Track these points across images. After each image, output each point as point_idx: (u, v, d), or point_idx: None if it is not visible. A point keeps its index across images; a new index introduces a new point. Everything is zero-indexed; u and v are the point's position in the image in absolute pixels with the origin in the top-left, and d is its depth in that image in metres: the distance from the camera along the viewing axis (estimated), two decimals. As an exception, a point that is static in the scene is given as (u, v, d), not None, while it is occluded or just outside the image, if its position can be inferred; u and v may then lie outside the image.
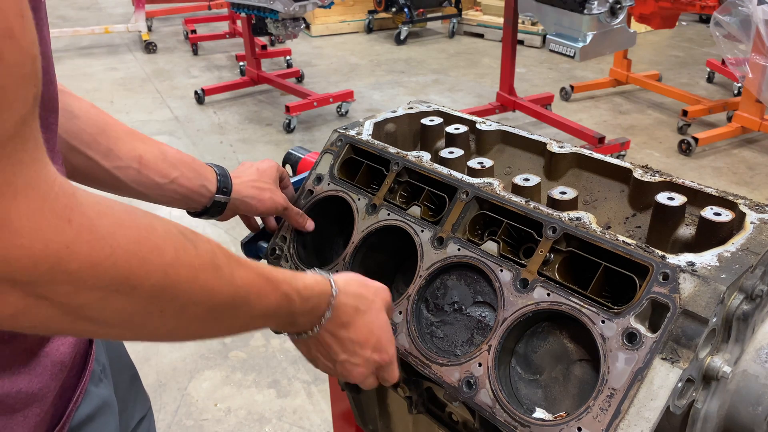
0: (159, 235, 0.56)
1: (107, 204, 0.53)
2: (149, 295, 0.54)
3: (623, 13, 3.66)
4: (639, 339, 0.77)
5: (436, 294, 1.01)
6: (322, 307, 0.78)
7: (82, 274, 0.49)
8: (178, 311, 0.58)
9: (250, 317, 0.68)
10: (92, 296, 0.51)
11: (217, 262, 0.61)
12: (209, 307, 0.61)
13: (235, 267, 0.64)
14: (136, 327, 0.58)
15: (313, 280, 0.77)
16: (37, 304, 0.49)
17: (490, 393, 0.85)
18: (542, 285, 0.88)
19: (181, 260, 0.57)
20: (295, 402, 2.47)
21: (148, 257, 0.54)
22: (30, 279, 0.47)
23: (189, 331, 0.64)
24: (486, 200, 1.01)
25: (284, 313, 0.73)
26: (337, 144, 1.24)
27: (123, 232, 0.52)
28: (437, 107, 1.38)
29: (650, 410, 0.74)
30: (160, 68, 6.56)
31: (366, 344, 0.83)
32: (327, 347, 0.82)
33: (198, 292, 0.59)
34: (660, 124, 5.03)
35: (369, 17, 7.90)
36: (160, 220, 0.58)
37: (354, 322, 0.81)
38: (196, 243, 0.60)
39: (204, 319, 0.62)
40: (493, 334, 0.88)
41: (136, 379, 1.01)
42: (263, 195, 1.12)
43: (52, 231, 0.47)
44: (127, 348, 1.01)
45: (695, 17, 7.91)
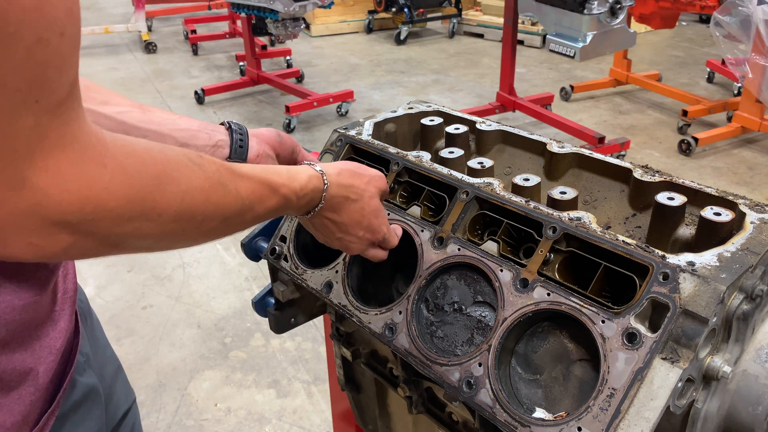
0: (174, 167, 0.64)
1: (131, 144, 0.60)
2: (172, 219, 0.63)
3: (623, 13, 3.66)
4: (639, 339, 0.77)
5: (436, 294, 1.01)
6: (316, 200, 0.88)
7: (119, 210, 0.57)
8: (197, 227, 0.68)
9: (254, 218, 0.78)
10: (128, 227, 0.59)
11: (223, 180, 0.70)
12: (221, 219, 0.71)
13: (239, 180, 0.73)
14: (162, 244, 0.67)
15: (307, 177, 0.85)
16: (83, 238, 0.57)
17: (490, 393, 0.85)
18: (542, 285, 0.88)
19: (194, 185, 0.65)
20: (295, 402, 2.47)
21: (167, 188, 0.62)
22: (78, 219, 0.55)
23: (206, 239, 0.73)
24: (486, 200, 1.01)
25: (283, 209, 0.83)
26: (337, 144, 1.24)
27: (146, 169, 0.60)
28: (437, 107, 1.38)
29: (650, 410, 0.74)
30: (160, 68, 6.56)
31: (357, 226, 0.94)
32: (324, 227, 0.94)
33: (211, 209, 0.68)
34: (660, 124, 5.03)
35: (369, 17, 7.90)
36: (173, 150, 0.66)
37: (344, 208, 0.92)
38: (204, 166, 0.68)
39: (217, 229, 0.72)
40: (493, 334, 0.89)
41: (120, 371, 1.03)
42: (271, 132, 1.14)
43: (93, 176, 0.55)
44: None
45: (695, 17, 7.91)
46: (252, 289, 3.14)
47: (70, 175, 0.53)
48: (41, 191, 0.52)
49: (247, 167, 0.76)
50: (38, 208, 0.52)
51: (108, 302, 3.04)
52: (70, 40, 0.52)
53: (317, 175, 0.87)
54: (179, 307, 3.03)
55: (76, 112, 0.54)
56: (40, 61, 0.50)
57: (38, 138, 0.51)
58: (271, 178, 0.79)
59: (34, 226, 0.53)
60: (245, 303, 3.02)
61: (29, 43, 0.48)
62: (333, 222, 0.93)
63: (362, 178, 0.94)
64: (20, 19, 0.47)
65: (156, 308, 3.01)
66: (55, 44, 0.50)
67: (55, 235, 0.55)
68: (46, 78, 0.51)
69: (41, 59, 0.50)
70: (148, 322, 2.91)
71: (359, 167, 0.96)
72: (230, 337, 2.82)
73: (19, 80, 0.49)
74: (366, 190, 0.94)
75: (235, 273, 3.26)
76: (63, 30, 0.51)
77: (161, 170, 0.62)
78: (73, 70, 0.54)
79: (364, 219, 0.94)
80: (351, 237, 0.95)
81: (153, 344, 2.76)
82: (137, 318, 2.94)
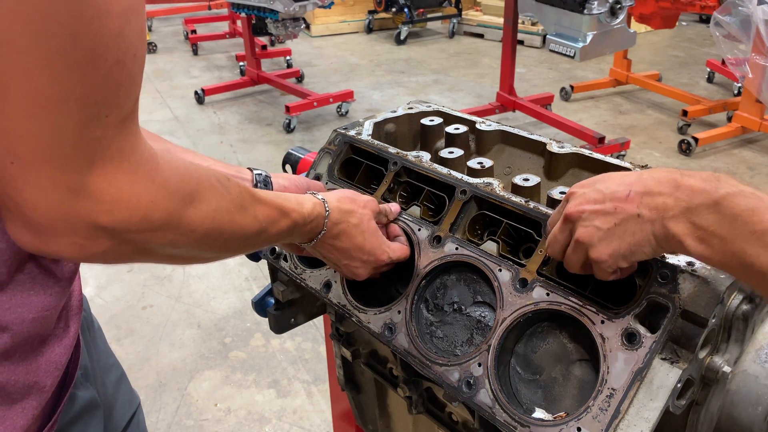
0: (206, 187, 0.68)
1: (175, 162, 0.65)
2: (202, 235, 0.68)
3: (623, 13, 3.66)
4: (638, 339, 0.77)
5: (435, 294, 1.01)
6: (319, 226, 0.92)
7: (160, 222, 0.61)
8: (222, 245, 0.73)
9: (267, 239, 0.83)
10: (164, 238, 0.63)
11: (244, 204, 0.75)
12: (242, 239, 0.77)
13: (257, 205, 0.78)
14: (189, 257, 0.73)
15: (312, 204, 0.90)
16: (122, 244, 0.60)
17: (490, 393, 0.85)
18: (541, 285, 0.88)
19: (222, 206, 0.70)
20: (295, 402, 2.47)
21: (200, 206, 0.67)
22: (124, 227, 0.59)
23: (226, 255, 0.79)
24: (485, 200, 1.01)
25: (291, 232, 0.87)
26: (335, 143, 1.24)
27: (185, 186, 0.65)
28: (437, 107, 1.38)
29: (650, 410, 0.74)
30: (160, 68, 6.55)
31: (360, 251, 0.98)
32: (329, 254, 0.98)
33: (235, 229, 0.73)
34: (660, 124, 5.03)
35: (369, 17, 7.90)
36: (205, 171, 0.70)
37: (346, 233, 0.96)
38: (229, 189, 0.73)
39: (238, 247, 0.79)
40: (493, 334, 0.89)
41: (123, 378, 1.03)
42: (298, 176, 1.16)
43: (143, 189, 0.59)
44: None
45: (695, 17, 7.91)
46: (252, 289, 3.14)
47: (124, 186, 0.57)
48: (96, 198, 0.56)
49: (263, 193, 0.82)
50: (90, 213, 0.56)
51: (108, 302, 3.04)
52: (139, 62, 0.57)
53: (320, 203, 0.92)
54: (179, 307, 3.03)
55: (135, 127, 0.59)
56: (116, 80, 0.55)
57: (102, 149, 0.55)
58: (284, 203, 0.85)
59: (81, 228, 0.57)
60: (245, 303, 3.02)
61: (110, 64, 0.53)
62: (336, 249, 0.96)
63: (358, 203, 0.99)
64: (107, 43, 0.53)
65: (156, 308, 3.01)
66: (129, 65, 0.56)
67: (98, 239, 0.58)
68: (118, 96, 0.55)
69: (117, 79, 0.55)
70: (148, 322, 2.91)
71: (353, 194, 1.01)
72: (230, 337, 2.82)
73: (96, 96, 0.54)
74: (364, 213, 0.98)
75: (235, 273, 3.26)
76: (136, 53, 0.56)
77: (196, 188, 0.66)
78: (138, 89, 0.59)
79: (366, 242, 0.97)
80: (356, 263, 0.99)
81: (153, 344, 2.76)
82: (137, 318, 2.94)
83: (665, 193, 0.69)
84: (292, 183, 1.11)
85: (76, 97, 0.52)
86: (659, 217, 0.69)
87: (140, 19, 0.56)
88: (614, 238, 0.73)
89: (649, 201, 0.70)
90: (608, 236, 0.74)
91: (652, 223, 0.70)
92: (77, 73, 0.52)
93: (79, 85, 0.52)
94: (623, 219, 0.72)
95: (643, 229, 0.71)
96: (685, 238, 0.67)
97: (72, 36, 0.50)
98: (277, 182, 1.09)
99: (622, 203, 0.73)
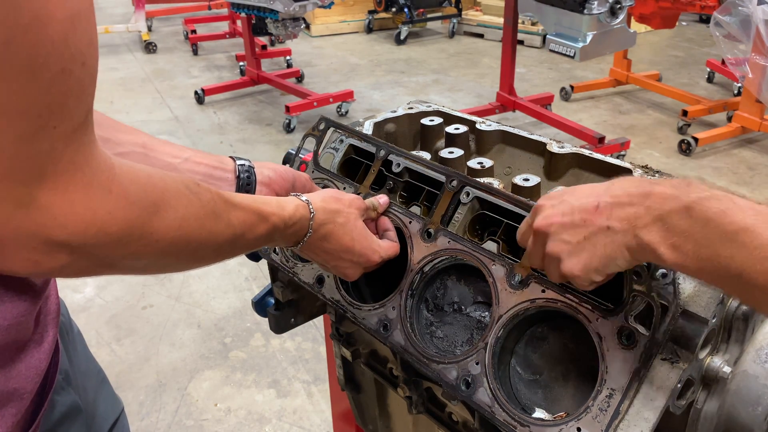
0: (172, 194, 0.66)
1: (135, 171, 0.62)
2: (168, 245, 0.65)
3: (623, 13, 3.66)
4: (637, 339, 0.77)
5: (435, 294, 1.01)
6: (304, 228, 0.90)
7: (119, 234, 0.59)
8: (191, 253, 0.71)
9: (245, 245, 0.81)
10: (125, 250, 0.61)
11: (217, 210, 0.72)
12: (215, 247, 0.74)
13: (231, 209, 0.75)
14: (156, 267, 0.71)
15: (294, 207, 0.88)
16: (80, 258, 0.58)
17: (489, 392, 0.85)
18: (537, 281, 0.87)
19: (190, 214, 0.68)
20: (295, 402, 2.47)
21: (165, 215, 0.64)
22: (80, 241, 0.56)
23: (199, 264, 0.76)
24: (483, 196, 1.01)
25: (272, 237, 0.85)
26: (319, 128, 1.24)
27: (147, 196, 0.62)
28: (437, 107, 1.38)
29: (650, 410, 0.74)
30: (160, 68, 6.55)
31: (349, 252, 0.95)
32: (317, 256, 0.96)
33: (205, 237, 0.71)
34: (660, 124, 5.03)
35: (369, 17, 7.89)
36: (171, 178, 0.68)
37: (333, 234, 0.93)
38: (200, 194, 0.70)
39: (210, 255, 0.76)
40: (489, 332, 0.88)
41: (105, 382, 1.01)
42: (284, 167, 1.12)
43: (99, 201, 0.57)
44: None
45: (695, 17, 7.90)
46: (252, 289, 3.14)
47: (78, 199, 0.55)
48: (48, 212, 0.54)
49: (239, 197, 0.79)
50: (43, 228, 0.54)
51: (108, 302, 3.04)
52: (89, 70, 0.54)
53: (303, 205, 0.90)
54: (179, 307, 3.03)
55: (88, 137, 0.57)
56: (62, 90, 0.52)
57: (52, 162, 0.53)
58: (262, 207, 0.82)
59: (35, 244, 0.55)
60: (245, 303, 3.02)
61: (54, 73, 0.51)
62: (324, 251, 0.94)
63: (344, 202, 0.96)
64: (48, 51, 0.50)
65: (156, 308, 3.01)
66: (77, 74, 0.53)
67: (54, 254, 0.56)
68: (65, 106, 0.53)
69: (63, 88, 0.52)
70: (148, 322, 2.91)
71: (338, 192, 0.99)
72: (230, 337, 2.82)
73: (41, 107, 0.51)
74: (350, 212, 0.96)
75: (235, 273, 3.26)
76: (84, 60, 0.53)
77: (160, 197, 0.64)
78: (90, 99, 0.56)
79: (355, 243, 0.95)
80: (345, 263, 0.97)
81: (153, 344, 2.76)
82: (137, 318, 2.94)
83: (635, 203, 0.67)
84: (277, 174, 1.08)
85: (16, 109, 0.50)
86: (630, 227, 0.67)
87: (88, 24, 0.54)
88: (584, 251, 0.71)
89: (619, 212, 0.68)
90: (578, 250, 0.72)
91: (624, 234, 0.68)
92: (15, 84, 0.49)
93: (18, 96, 0.50)
94: (592, 232, 0.70)
95: (614, 241, 0.69)
96: (659, 246, 0.65)
97: (5, 45, 0.48)
98: (260, 172, 1.06)
99: (591, 215, 0.71)
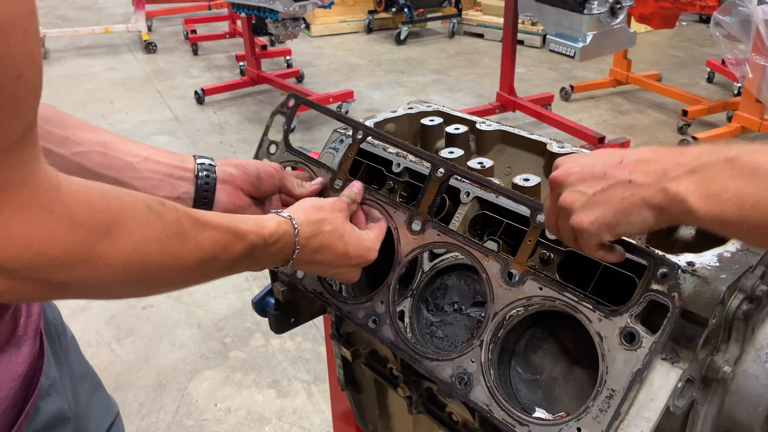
0: (129, 215, 0.62)
1: (86, 190, 0.58)
2: (122, 270, 0.61)
3: (623, 13, 3.66)
4: (638, 339, 0.77)
5: (435, 294, 1.01)
6: (290, 245, 0.85)
7: (62, 258, 0.55)
8: (152, 279, 0.66)
9: (220, 268, 0.76)
10: (71, 275, 0.57)
11: (182, 231, 0.68)
12: (180, 271, 0.69)
13: (201, 230, 0.71)
14: (113, 293, 0.66)
15: (276, 223, 0.83)
16: (21, 283, 0.55)
17: (486, 390, 0.85)
18: (533, 278, 0.85)
19: (148, 236, 0.63)
20: (295, 402, 2.47)
21: (117, 238, 0.60)
22: (15, 266, 0.53)
23: (165, 289, 0.72)
24: (482, 196, 1.01)
25: (252, 257, 0.80)
26: (288, 105, 1.19)
27: (96, 217, 0.58)
28: (437, 107, 1.38)
29: (650, 410, 0.74)
30: (160, 68, 6.55)
31: (346, 257, 0.91)
32: (314, 268, 0.93)
33: (168, 261, 0.66)
34: (660, 124, 5.03)
35: (369, 17, 7.89)
36: (130, 197, 0.64)
37: (325, 245, 0.89)
38: (163, 215, 0.65)
39: (176, 280, 0.70)
40: (485, 330, 0.87)
41: (99, 386, 0.99)
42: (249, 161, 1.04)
43: (37, 222, 0.53)
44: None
45: (695, 17, 7.90)
46: (252, 289, 3.14)
47: (13, 220, 0.51)
48: None
49: (211, 215, 0.74)
50: None
51: (108, 302, 3.03)
52: (27, 83, 0.50)
53: (286, 221, 0.85)
54: (179, 307, 3.03)
55: (28, 155, 0.53)
56: None
57: None
58: (238, 225, 0.77)
59: None
60: (245, 303, 3.02)
61: None
62: (320, 263, 0.91)
63: (326, 209, 0.92)
64: None
65: (156, 308, 3.01)
66: (10, 88, 0.49)
67: None
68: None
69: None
70: (148, 322, 2.91)
71: (316, 200, 0.95)
72: (230, 337, 2.82)
73: None
74: (336, 217, 0.92)
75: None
76: (20, 73, 0.49)
77: (113, 218, 0.60)
78: (30, 114, 0.52)
79: (349, 246, 0.91)
80: (343, 269, 0.93)
81: (153, 344, 2.76)
82: (137, 318, 2.94)
83: (664, 160, 0.63)
84: (240, 169, 1.00)
85: None
86: (656, 180, 0.63)
87: (25, 35, 0.49)
88: (599, 204, 0.67)
89: (644, 167, 0.64)
90: (593, 202, 0.67)
91: (648, 188, 0.63)
92: None
93: None
94: (611, 185, 0.66)
95: (633, 195, 0.64)
96: (689, 197, 0.60)
97: None
98: (222, 170, 0.99)
99: (613, 168, 0.66)
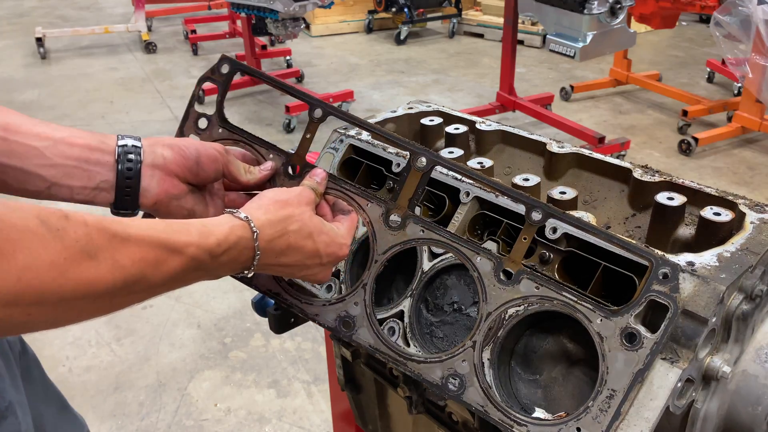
0: (16, 237, 0.51)
1: None
2: (7, 303, 0.51)
3: (623, 13, 3.66)
4: (639, 339, 0.77)
5: (435, 294, 1.01)
6: (247, 252, 0.74)
7: None
8: (51, 310, 0.55)
9: (150, 288, 0.64)
10: None
11: (92, 250, 0.56)
12: (93, 297, 0.57)
13: (119, 247, 0.59)
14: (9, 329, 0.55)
15: (228, 229, 0.71)
16: None
17: (480, 391, 0.83)
18: (529, 277, 0.83)
19: (40, 260, 0.52)
20: (295, 402, 2.47)
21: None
22: None
23: (78, 319, 0.59)
24: (485, 199, 1.01)
25: (194, 272, 0.68)
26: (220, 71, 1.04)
27: None
28: (437, 107, 1.38)
29: (650, 410, 0.74)
30: (160, 68, 6.55)
31: (314, 255, 0.81)
32: (279, 272, 0.82)
33: (71, 287, 0.55)
34: (660, 124, 5.03)
35: (369, 17, 7.89)
36: (20, 213, 0.52)
37: (291, 247, 0.78)
38: (64, 232, 0.54)
39: (89, 308, 0.59)
40: (477, 330, 0.84)
41: (66, 407, 0.97)
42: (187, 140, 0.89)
43: None
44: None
45: (695, 17, 7.90)
46: (252, 290, 3.13)
47: None
48: None
49: (136, 226, 0.62)
50: None
51: (108, 302, 3.04)
52: None
53: (241, 225, 0.73)
54: (179, 307, 3.03)
55: None
56: None
57: None
58: (171, 236, 0.64)
59: None
60: (245, 303, 3.02)
61: None
62: (286, 265, 0.80)
63: (291, 202, 0.81)
64: None
65: (156, 308, 3.01)
66: None
67: None
68: None
69: None
70: (148, 322, 2.91)
71: (278, 193, 0.82)
72: (230, 337, 2.82)
73: None
74: (303, 212, 0.81)
75: (235, 273, 3.27)
76: None
77: None
78: None
79: (319, 244, 0.82)
80: (314, 269, 0.83)
81: (153, 344, 2.76)
82: (137, 318, 2.94)
83: None
84: (177, 152, 0.85)
85: None
86: None
87: None
88: None
89: None
90: None
91: None
92: None
93: None
94: None
95: None
96: None
97: None
98: (152, 152, 0.82)
99: None
